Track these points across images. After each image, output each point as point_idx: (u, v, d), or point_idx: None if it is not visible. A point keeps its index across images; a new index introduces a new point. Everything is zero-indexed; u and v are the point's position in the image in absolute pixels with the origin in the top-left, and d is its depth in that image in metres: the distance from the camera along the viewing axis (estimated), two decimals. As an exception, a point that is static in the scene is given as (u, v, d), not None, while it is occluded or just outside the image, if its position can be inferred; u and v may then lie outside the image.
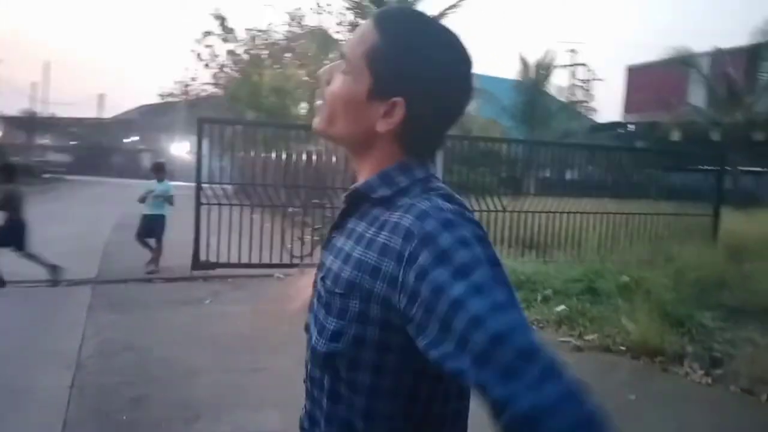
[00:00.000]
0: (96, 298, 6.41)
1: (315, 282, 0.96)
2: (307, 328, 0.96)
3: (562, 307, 5.94)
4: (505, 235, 8.86)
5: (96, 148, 48.56)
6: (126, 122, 55.54)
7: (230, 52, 27.92)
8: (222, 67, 28.30)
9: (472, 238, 0.77)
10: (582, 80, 29.31)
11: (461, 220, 0.79)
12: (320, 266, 0.94)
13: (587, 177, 10.25)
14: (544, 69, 24.52)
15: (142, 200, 8.17)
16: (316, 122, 0.94)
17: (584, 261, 8.10)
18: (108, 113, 55.33)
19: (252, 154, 8.89)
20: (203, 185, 7.95)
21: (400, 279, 0.78)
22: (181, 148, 49.03)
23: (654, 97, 22.01)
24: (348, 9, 21.26)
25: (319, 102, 0.95)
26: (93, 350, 4.74)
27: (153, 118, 52.69)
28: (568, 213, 9.26)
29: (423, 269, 0.75)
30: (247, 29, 31.08)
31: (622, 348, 5.04)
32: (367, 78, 0.87)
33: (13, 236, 6.98)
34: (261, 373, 4.37)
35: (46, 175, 36.82)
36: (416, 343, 0.76)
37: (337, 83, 0.90)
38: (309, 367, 0.93)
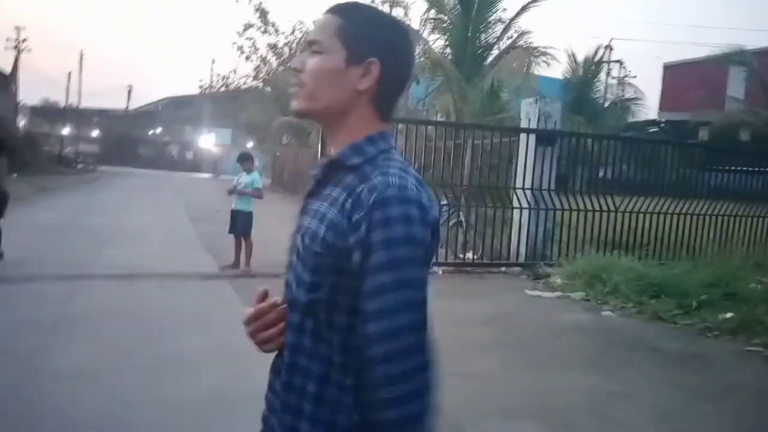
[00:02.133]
0: (239, 292, 6.30)
1: (293, 241, 1.09)
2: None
3: (729, 314, 5.80)
4: (609, 237, 8.72)
5: (123, 139, 48.63)
6: (150, 114, 55.57)
7: (271, 46, 27.95)
8: (264, 60, 28.32)
9: (403, 216, 0.93)
10: (618, 78, 28.88)
11: (400, 197, 0.94)
12: (298, 227, 1.07)
13: (673, 176, 9.94)
14: (593, 66, 24.20)
15: (231, 192, 7.79)
16: (296, 104, 1.07)
17: (699, 264, 7.90)
18: (136, 105, 55.22)
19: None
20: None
21: (352, 239, 0.95)
22: (207, 141, 49.04)
23: (695, 94, 21.67)
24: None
25: (294, 88, 1.07)
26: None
27: (176, 110, 52.75)
28: (679, 214, 9.10)
29: (366, 237, 0.93)
30: (289, 21, 30.75)
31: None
32: (341, 50, 1.03)
33: None
34: (473, 378, 4.24)
35: (79, 165, 36.93)
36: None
37: (314, 64, 1.05)
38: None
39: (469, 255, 8.71)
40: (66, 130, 43.76)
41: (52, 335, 4.66)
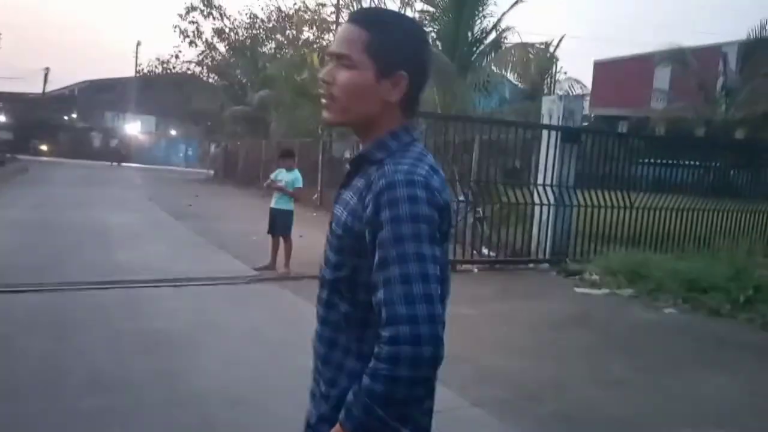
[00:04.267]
0: (300, 296, 5.95)
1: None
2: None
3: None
4: (627, 232, 8.99)
5: (40, 125, 45.04)
6: (66, 98, 51.87)
7: (217, 31, 26.77)
8: (209, 45, 27.08)
9: (409, 197, 1.01)
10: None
11: (407, 180, 1.02)
12: (333, 216, 1.17)
13: (693, 173, 10.39)
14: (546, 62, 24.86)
15: (268, 187, 7.31)
16: (330, 116, 1.15)
17: (720, 258, 8.22)
18: (52, 89, 51.29)
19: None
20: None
21: (364, 220, 1.04)
22: (133, 128, 46.42)
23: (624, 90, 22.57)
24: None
25: (325, 100, 1.14)
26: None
27: (96, 94, 49.50)
28: (692, 210, 9.47)
29: (374, 217, 1.02)
30: (236, 7, 29.60)
31: None
32: (371, 65, 1.09)
33: None
34: (631, 387, 4.21)
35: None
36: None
37: (345, 79, 1.10)
38: (318, 291, 1.19)
39: (486, 251, 8.73)
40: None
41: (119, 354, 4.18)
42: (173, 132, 47.18)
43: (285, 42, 25.84)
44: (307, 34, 25.03)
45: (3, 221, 9.68)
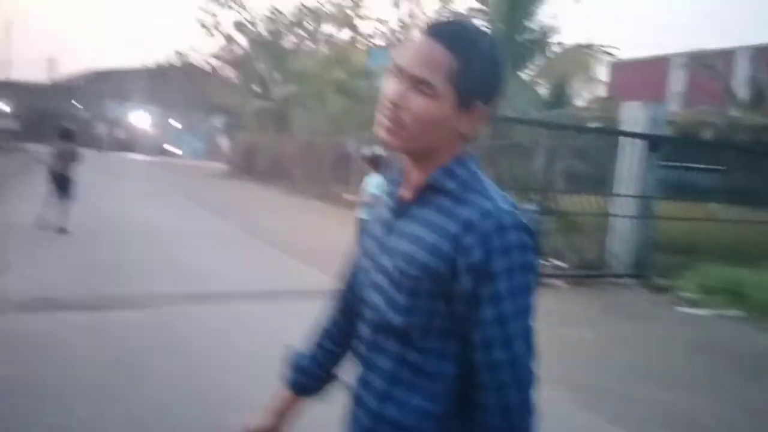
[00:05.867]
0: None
1: (358, 257, 1.14)
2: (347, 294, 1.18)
3: None
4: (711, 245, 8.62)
5: (46, 114, 44.33)
6: (73, 88, 51.25)
7: (238, 24, 26.26)
8: (229, 38, 26.58)
9: (520, 244, 0.93)
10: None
11: (515, 223, 0.94)
12: (382, 247, 1.04)
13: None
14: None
15: (366, 204, 6.28)
16: (391, 141, 0.99)
17: None
18: (58, 78, 50.67)
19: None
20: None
21: (458, 265, 0.93)
22: (141, 119, 45.78)
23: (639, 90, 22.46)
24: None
25: (387, 121, 0.98)
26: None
27: (101, 84, 48.86)
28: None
29: (483, 264, 0.92)
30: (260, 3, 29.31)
31: None
32: (452, 95, 0.96)
33: None
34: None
35: (1, 143, 33.24)
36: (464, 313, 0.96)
37: (422, 108, 0.96)
38: (368, 335, 1.06)
39: (559, 262, 8.36)
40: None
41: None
42: (180, 124, 46.65)
43: (306, 36, 25.43)
44: (327, 27, 24.67)
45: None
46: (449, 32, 0.97)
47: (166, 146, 43.49)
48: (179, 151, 43.64)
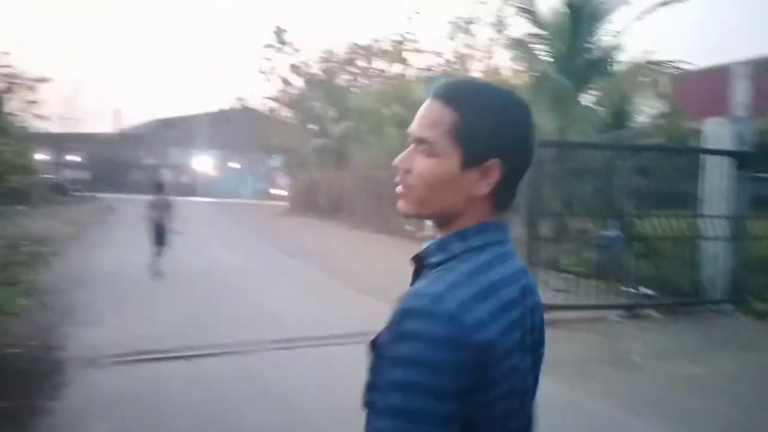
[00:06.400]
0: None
1: None
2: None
3: None
4: None
5: (113, 164, 46.64)
6: (137, 137, 53.72)
7: (293, 66, 27.01)
8: (285, 80, 27.33)
9: (415, 333, 0.82)
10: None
11: (427, 310, 0.83)
12: None
13: None
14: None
15: (429, 233, 6.80)
16: (405, 207, 0.97)
17: None
18: (123, 128, 53.34)
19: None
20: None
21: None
22: (203, 163, 47.47)
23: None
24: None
25: (400, 188, 0.96)
26: None
27: (164, 131, 51.05)
28: None
29: (382, 351, 0.87)
30: (313, 45, 30.15)
31: None
32: (456, 152, 0.92)
33: None
34: None
35: (76, 193, 35.02)
36: None
37: (424, 167, 0.93)
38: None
39: (648, 290, 7.91)
40: (47, 156, 41.55)
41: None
42: (239, 165, 48.06)
43: (359, 73, 25.86)
44: (379, 64, 25.02)
45: (128, 267, 9.43)
46: (449, 89, 0.95)
47: (223, 187, 44.70)
48: (243, 191, 44.86)
